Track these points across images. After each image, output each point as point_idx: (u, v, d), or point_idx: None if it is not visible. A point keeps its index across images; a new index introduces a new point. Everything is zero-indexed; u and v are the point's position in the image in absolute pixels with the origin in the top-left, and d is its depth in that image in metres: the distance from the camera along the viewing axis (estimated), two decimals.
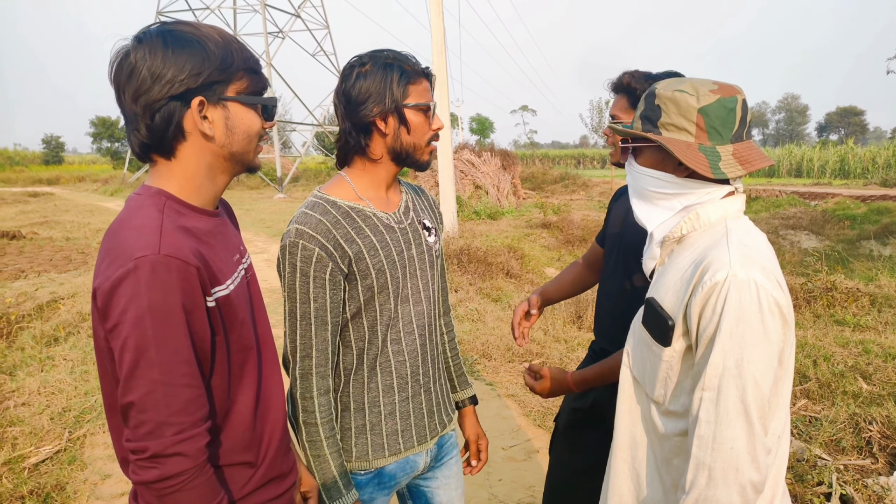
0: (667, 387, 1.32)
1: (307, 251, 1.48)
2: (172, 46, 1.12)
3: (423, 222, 1.70)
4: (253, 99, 1.22)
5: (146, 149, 1.17)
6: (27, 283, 8.25)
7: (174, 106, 1.13)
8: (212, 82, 1.15)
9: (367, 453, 1.61)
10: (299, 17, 31.70)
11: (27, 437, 3.87)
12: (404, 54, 1.57)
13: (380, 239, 1.56)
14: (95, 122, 47.79)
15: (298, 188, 29.85)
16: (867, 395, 4.04)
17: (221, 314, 1.17)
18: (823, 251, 9.85)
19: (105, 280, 1.04)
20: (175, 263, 1.05)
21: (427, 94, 1.57)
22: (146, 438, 1.03)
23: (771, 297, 1.16)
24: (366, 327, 1.58)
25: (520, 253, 9.28)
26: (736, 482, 1.13)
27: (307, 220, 1.51)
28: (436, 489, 1.80)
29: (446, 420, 1.78)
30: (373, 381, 1.60)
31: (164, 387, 1.04)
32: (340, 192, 1.60)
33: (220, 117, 1.18)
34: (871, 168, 36.60)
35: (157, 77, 1.11)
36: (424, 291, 1.67)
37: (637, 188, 1.41)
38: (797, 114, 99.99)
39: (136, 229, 1.08)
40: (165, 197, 1.16)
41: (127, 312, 1.02)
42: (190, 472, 1.06)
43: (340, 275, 1.51)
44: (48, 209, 20.17)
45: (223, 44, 1.16)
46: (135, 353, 1.02)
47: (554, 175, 29.61)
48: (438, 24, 11.21)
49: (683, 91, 1.29)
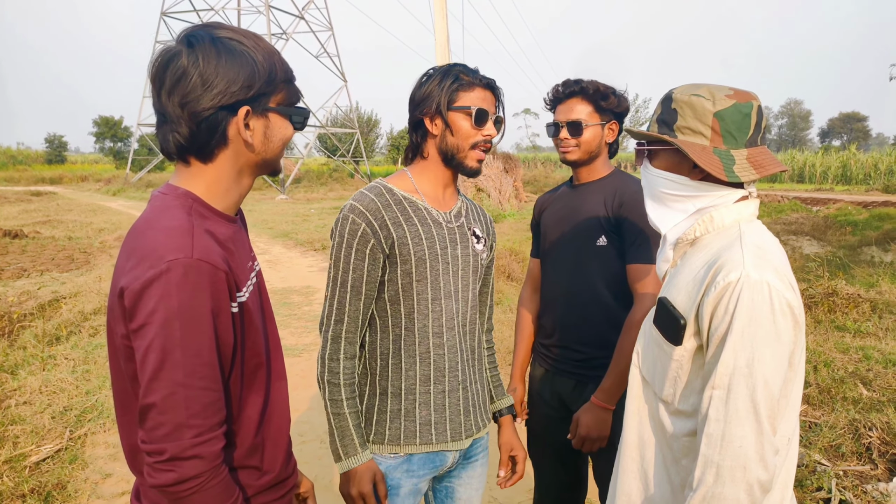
0: (676, 386, 1.33)
1: (355, 225, 1.61)
2: (226, 56, 1.13)
3: (473, 229, 1.78)
4: (292, 110, 1.24)
5: (183, 150, 1.17)
6: (29, 282, 8.27)
7: (222, 115, 1.14)
8: (260, 94, 1.17)
9: (398, 437, 1.68)
10: (303, 19, 31.76)
11: (28, 436, 3.88)
12: (470, 67, 1.68)
13: (426, 230, 1.67)
14: (98, 121, 47.91)
15: (301, 189, 29.88)
16: (867, 401, 4.03)
17: (242, 320, 1.19)
18: (825, 257, 9.85)
19: (134, 280, 1.04)
20: (206, 268, 1.07)
21: (477, 100, 1.65)
22: (164, 440, 1.04)
23: (783, 299, 1.18)
24: (403, 314, 1.67)
25: (521, 256, 9.28)
26: (743, 480, 1.14)
27: (362, 199, 1.64)
28: (458, 486, 1.85)
29: (481, 423, 1.83)
30: (411, 370, 1.68)
31: (185, 389, 1.04)
32: (399, 183, 1.72)
33: (261, 126, 1.20)
34: (874, 174, 36.52)
35: (210, 85, 1.12)
36: (463, 292, 1.74)
37: (651, 190, 1.43)
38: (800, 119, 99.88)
39: (166, 231, 1.08)
40: (192, 199, 1.17)
41: (156, 313, 1.03)
42: (207, 475, 1.07)
43: (381, 253, 1.62)
44: (51, 208, 20.21)
45: (269, 56, 1.18)
46: (160, 354, 1.03)
47: (556, 178, 29.62)
48: (442, 26, 11.24)
49: (700, 95, 1.31)
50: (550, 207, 2.30)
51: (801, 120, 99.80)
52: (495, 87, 1.70)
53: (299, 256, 11.30)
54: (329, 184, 32.30)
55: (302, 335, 6.31)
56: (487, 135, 1.67)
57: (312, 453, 3.81)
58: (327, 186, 31.28)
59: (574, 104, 2.11)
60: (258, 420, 1.27)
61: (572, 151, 2.12)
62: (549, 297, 2.25)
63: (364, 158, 35.90)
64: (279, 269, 9.85)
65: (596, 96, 2.09)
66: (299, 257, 11.22)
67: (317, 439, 4.00)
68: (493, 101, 1.69)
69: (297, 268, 10.08)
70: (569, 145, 2.12)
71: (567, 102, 2.13)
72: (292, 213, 18.81)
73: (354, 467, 1.62)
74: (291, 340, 6.09)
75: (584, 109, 2.09)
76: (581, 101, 2.10)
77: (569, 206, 2.20)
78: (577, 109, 2.10)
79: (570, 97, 2.12)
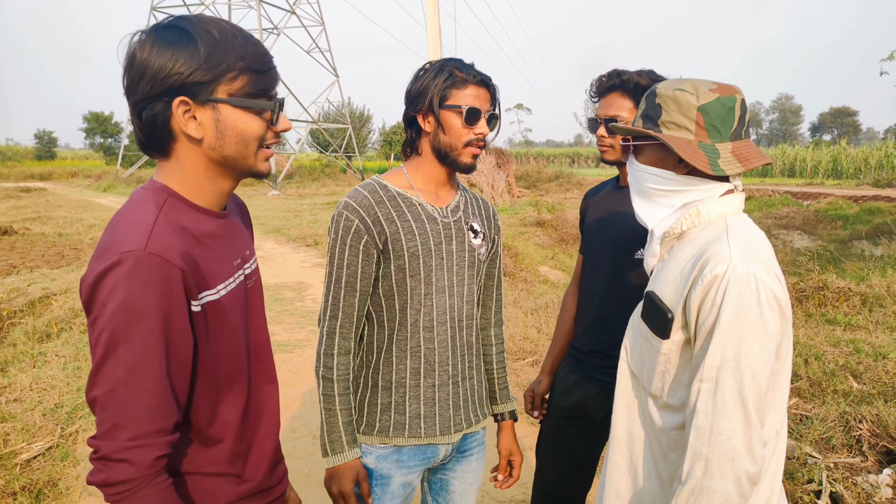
0: (664, 380, 1.33)
1: (348, 221, 1.62)
2: (160, 43, 1.07)
3: (470, 224, 1.77)
4: (244, 101, 1.12)
5: (142, 145, 1.14)
6: (19, 278, 8.20)
7: (158, 106, 1.08)
8: (196, 82, 1.08)
9: (388, 429, 1.70)
10: (294, 14, 31.58)
11: (19, 434, 3.85)
12: (465, 63, 1.66)
13: (419, 226, 1.67)
14: (88, 117, 47.57)
15: (293, 185, 29.77)
16: (857, 393, 4.07)
17: (207, 320, 1.13)
18: (815, 251, 9.91)
19: (90, 273, 1.01)
20: (158, 262, 1.02)
21: (470, 98, 1.63)
22: (101, 437, 1.01)
23: (770, 291, 1.18)
24: (397, 308, 1.68)
25: (514, 251, 9.30)
26: (732, 473, 1.15)
27: (355, 195, 1.66)
28: (452, 479, 1.85)
29: (473, 419, 1.82)
30: (402, 363, 1.69)
31: (125, 387, 1.00)
32: (394, 180, 1.72)
33: (210, 119, 1.11)
34: (864, 168, 36.80)
35: (143, 74, 1.07)
36: (458, 287, 1.73)
37: (638, 186, 1.43)
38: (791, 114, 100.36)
39: (130, 224, 1.06)
40: (168, 193, 1.13)
41: (105, 306, 0.99)
42: (135, 482, 1.01)
43: (375, 248, 1.64)
44: (40, 205, 20.04)
45: (217, 41, 1.08)
46: (105, 349, 1.00)
47: (548, 173, 29.65)
48: (434, 22, 11.21)
49: (684, 90, 1.32)
50: (593, 208, 2.17)
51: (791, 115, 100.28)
52: (490, 83, 1.67)
53: (291, 252, 11.26)
54: (321, 179, 32.20)
55: (294, 331, 6.29)
56: (479, 133, 1.65)
57: (305, 449, 3.80)
58: (319, 182, 31.18)
59: (613, 99, 1.93)
60: (238, 426, 1.23)
61: (608, 151, 1.96)
62: (584, 301, 2.16)
63: (356, 154, 35.79)
64: (271, 265, 9.82)
65: (637, 91, 1.89)
66: (291, 253, 11.18)
67: (309, 435, 3.99)
68: (488, 97, 1.67)
69: (289, 263, 10.06)
70: (605, 144, 1.95)
71: (608, 97, 1.95)
72: (284, 209, 18.74)
73: (338, 465, 1.62)
74: (284, 336, 6.08)
75: (624, 105, 1.91)
76: (621, 95, 1.92)
77: (610, 210, 2.06)
78: (616, 105, 1.91)
79: (610, 91, 1.94)
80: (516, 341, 5.51)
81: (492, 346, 1.95)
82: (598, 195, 2.19)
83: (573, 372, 2.17)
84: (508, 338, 5.58)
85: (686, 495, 1.18)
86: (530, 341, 5.52)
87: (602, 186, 2.23)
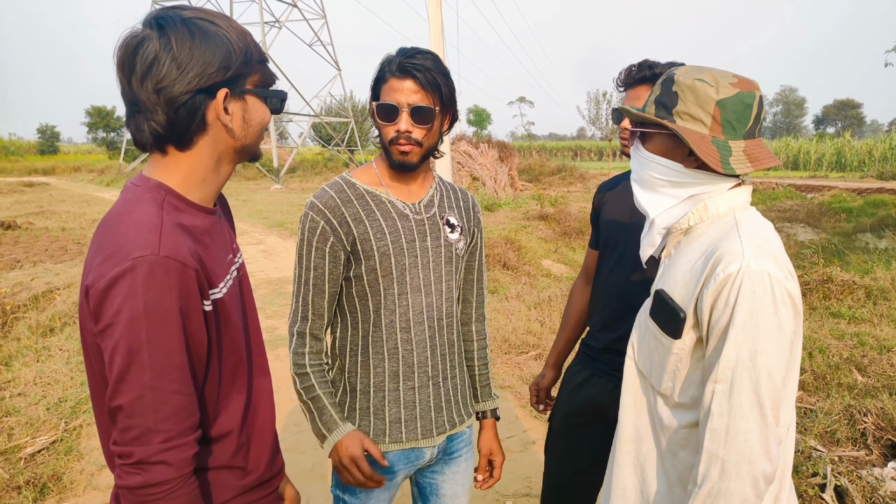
0: (675, 379, 1.31)
1: (314, 223, 1.59)
2: (200, 37, 1.08)
3: (446, 218, 1.71)
4: (269, 92, 1.20)
5: (161, 139, 1.12)
6: (23, 273, 8.22)
7: (200, 99, 1.10)
8: (236, 76, 1.13)
9: (368, 434, 1.65)
10: (296, 7, 31.49)
11: (23, 428, 3.87)
12: (404, 51, 1.58)
13: (390, 224, 1.61)
14: (91, 111, 47.53)
15: (295, 179, 29.77)
16: (862, 386, 4.05)
17: (217, 318, 1.14)
18: (820, 244, 9.86)
19: (99, 278, 1.00)
20: (174, 265, 1.02)
21: (389, 92, 1.56)
22: (132, 444, 1.01)
23: (784, 289, 1.16)
24: (371, 310, 1.63)
25: (517, 244, 9.27)
26: (749, 474, 1.13)
27: (321, 195, 1.61)
28: (441, 482, 1.80)
29: (457, 419, 1.77)
30: (379, 366, 1.64)
31: (153, 392, 1.00)
32: (364, 177, 1.67)
33: (239, 110, 1.15)
34: (868, 161, 36.64)
35: (185, 69, 1.07)
36: (436, 285, 1.67)
37: (641, 174, 1.38)
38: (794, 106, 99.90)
39: (135, 226, 1.04)
40: (165, 191, 1.12)
41: (121, 314, 0.98)
42: (174, 482, 1.02)
43: (342, 250, 1.60)
44: (44, 199, 20.08)
45: (242, 36, 1.14)
46: (127, 356, 0.99)
47: (551, 167, 29.61)
48: (436, 14, 11.17)
49: (703, 81, 1.26)
50: (611, 203, 2.09)
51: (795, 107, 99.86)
52: (417, 72, 1.51)
53: (294, 246, 11.25)
54: (324, 173, 32.18)
55: None
56: (399, 130, 1.55)
57: (308, 443, 3.80)
58: (322, 176, 31.16)
59: (642, 91, 1.84)
60: (241, 419, 1.23)
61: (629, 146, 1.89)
62: (601, 297, 2.08)
63: (359, 148, 35.75)
64: (274, 259, 9.82)
65: None
66: (294, 247, 11.17)
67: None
68: (416, 88, 1.52)
69: (292, 257, 10.05)
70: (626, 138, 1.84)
71: (637, 89, 1.86)
72: (287, 203, 18.73)
73: (339, 439, 1.57)
74: (286, 330, 6.07)
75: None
76: (649, 88, 1.81)
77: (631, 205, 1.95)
78: (644, 98, 1.81)
79: (641, 83, 1.85)
80: (519, 335, 5.50)
81: (473, 343, 1.89)
82: (615, 190, 2.12)
83: (585, 368, 2.13)
84: (512, 331, 5.58)
85: (703, 498, 1.16)
86: (534, 335, 5.51)
87: (618, 181, 2.16)
